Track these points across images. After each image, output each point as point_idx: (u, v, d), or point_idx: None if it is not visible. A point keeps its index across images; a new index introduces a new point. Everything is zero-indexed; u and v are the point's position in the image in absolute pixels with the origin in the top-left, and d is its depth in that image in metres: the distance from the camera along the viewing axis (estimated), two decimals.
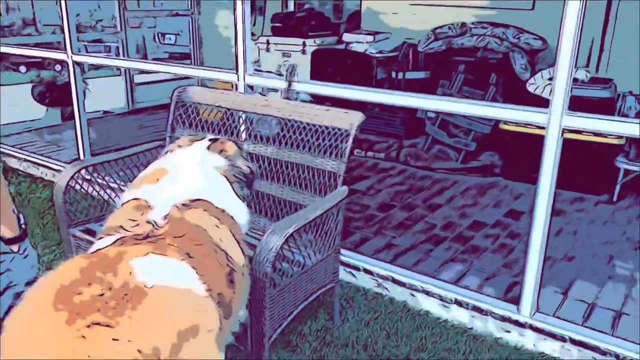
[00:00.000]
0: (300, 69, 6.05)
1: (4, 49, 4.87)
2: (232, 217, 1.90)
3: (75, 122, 4.57)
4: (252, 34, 6.90)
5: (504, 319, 2.72)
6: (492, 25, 4.87)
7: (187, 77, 7.52)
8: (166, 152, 2.22)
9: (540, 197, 2.51)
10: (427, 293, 2.96)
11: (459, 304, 2.86)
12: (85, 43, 12.99)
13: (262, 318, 2.18)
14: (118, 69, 7.74)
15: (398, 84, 5.29)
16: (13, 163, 5.19)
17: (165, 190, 1.86)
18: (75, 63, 4.40)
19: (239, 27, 3.32)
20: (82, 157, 4.55)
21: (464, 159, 4.80)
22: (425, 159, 4.89)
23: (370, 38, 5.46)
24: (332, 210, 2.51)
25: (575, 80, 4.46)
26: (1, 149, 5.30)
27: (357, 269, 3.18)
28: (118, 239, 1.60)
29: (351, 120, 2.68)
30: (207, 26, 7.64)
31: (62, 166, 4.45)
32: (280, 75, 3.39)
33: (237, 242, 1.87)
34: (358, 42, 5.48)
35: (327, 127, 2.76)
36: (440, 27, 5.00)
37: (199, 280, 1.46)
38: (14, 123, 6.09)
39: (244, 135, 3.10)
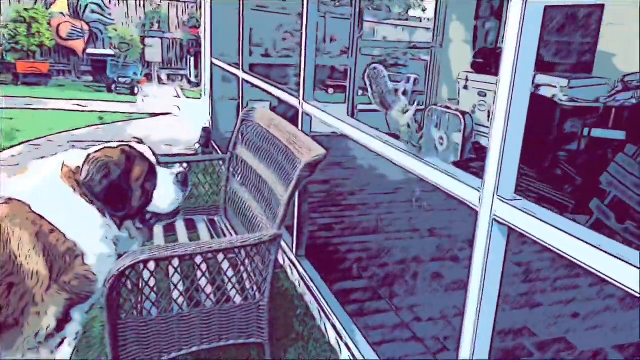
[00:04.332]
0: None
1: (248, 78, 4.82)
2: (49, 223, 1.84)
3: None
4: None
5: None
6: None
7: None
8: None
9: (467, 315, 1.68)
10: None
11: None
12: (389, 73, 14.07)
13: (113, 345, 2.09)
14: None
15: (588, 143, 4.12)
16: None
17: (7, 186, 1.91)
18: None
19: (303, 51, 3.18)
20: None
21: None
22: None
23: (563, 82, 4.39)
24: (233, 253, 2.22)
25: None
26: None
27: (342, 341, 2.68)
28: None
29: (304, 156, 2.30)
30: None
31: None
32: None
33: (44, 249, 1.81)
34: (548, 86, 4.47)
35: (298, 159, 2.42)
36: (632, 74, 3.66)
37: None
38: None
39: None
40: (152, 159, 2.12)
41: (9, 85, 10.95)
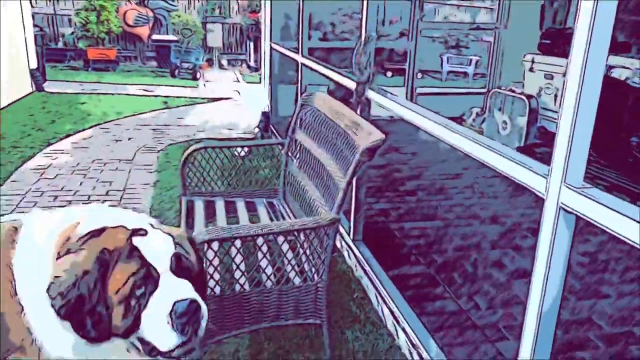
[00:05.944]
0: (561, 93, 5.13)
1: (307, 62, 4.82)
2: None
3: None
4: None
5: None
6: None
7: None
8: None
9: (530, 305, 1.64)
10: None
11: None
12: (450, 55, 13.76)
13: None
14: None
15: None
16: None
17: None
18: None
19: (363, 34, 3.16)
20: None
21: None
22: None
23: (638, 64, 4.15)
24: (290, 235, 2.25)
25: None
26: None
27: (399, 325, 2.68)
28: None
29: (363, 141, 2.29)
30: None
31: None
32: None
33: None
34: (622, 67, 4.24)
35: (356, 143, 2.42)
36: None
37: None
38: None
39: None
40: (155, 256, 1.36)
41: (80, 71, 11.49)
